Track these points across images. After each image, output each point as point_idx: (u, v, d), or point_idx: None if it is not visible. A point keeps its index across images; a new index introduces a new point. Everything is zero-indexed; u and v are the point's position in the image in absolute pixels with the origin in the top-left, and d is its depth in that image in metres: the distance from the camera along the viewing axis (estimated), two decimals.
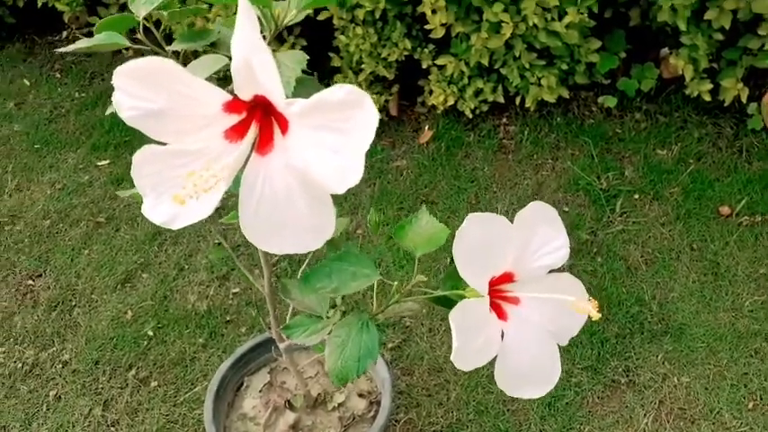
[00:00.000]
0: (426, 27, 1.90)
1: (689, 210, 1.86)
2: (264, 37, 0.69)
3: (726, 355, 1.60)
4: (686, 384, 1.57)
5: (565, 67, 1.98)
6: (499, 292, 0.79)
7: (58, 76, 2.54)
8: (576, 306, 0.69)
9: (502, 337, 0.74)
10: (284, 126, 0.51)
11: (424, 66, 2.04)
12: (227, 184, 0.52)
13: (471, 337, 0.69)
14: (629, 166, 1.98)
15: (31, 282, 1.85)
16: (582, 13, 1.78)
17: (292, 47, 2.19)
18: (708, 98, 1.93)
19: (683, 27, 1.82)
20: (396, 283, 0.83)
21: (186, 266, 1.86)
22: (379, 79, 2.12)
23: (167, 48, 0.78)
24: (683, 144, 2.03)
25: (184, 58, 0.82)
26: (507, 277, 0.78)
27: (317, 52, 2.22)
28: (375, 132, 0.45)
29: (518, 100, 2.07)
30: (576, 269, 1.75)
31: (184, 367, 1.64)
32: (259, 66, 0.48)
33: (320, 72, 2.33)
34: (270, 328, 1.16)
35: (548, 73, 1.97)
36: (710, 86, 1.93)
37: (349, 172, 0.47)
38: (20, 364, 1.65)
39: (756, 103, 1.99)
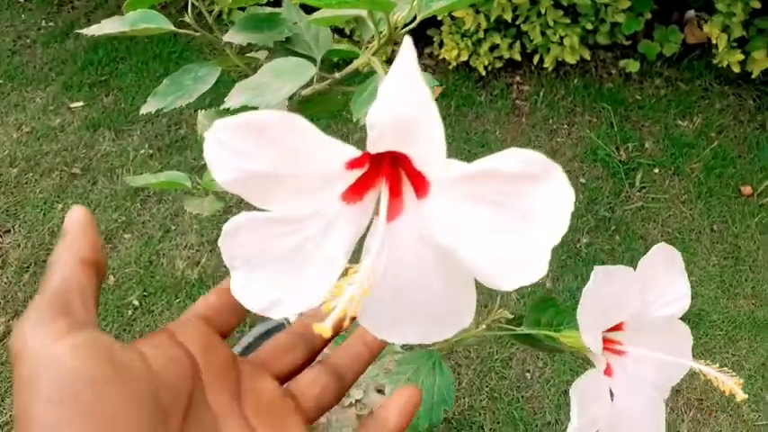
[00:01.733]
0: None
1: (710, 188, 1.78)
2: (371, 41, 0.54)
3: (744, 344, 1.55)
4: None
5: (589, 26, 1.84)
6: (606, 342, 0.68)
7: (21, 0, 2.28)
8: (722, 385, 0.58)
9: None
10: (421, 186, 0.36)
11: (438, 16, 1.87)
12: (346, 255, 0.37)
13: (590, 409, 0.58)
14: (650, 138, 1.88)
15: None
16: None
17: None
18: (737, 69, 1.82)
19: None
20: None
21: (173, 227, 1.70)
22: None
23: (222, 38, 0.62)
24: (705, 115, 1.93)
25: (239, 52, 0.66)
26: (617, 326, 0.67)
27: None
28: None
29: (536, 59, 1.93)
30: (593, 247, 1.66)
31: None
32: (425, 130, 0.33)
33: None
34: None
35: (570, 32, 1.83)
36: (741, 57, 1.81)
37: (526, 267, 0.33)
38: None
39: None
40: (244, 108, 0.64)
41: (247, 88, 0.56)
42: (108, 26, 0.63)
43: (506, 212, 0.32)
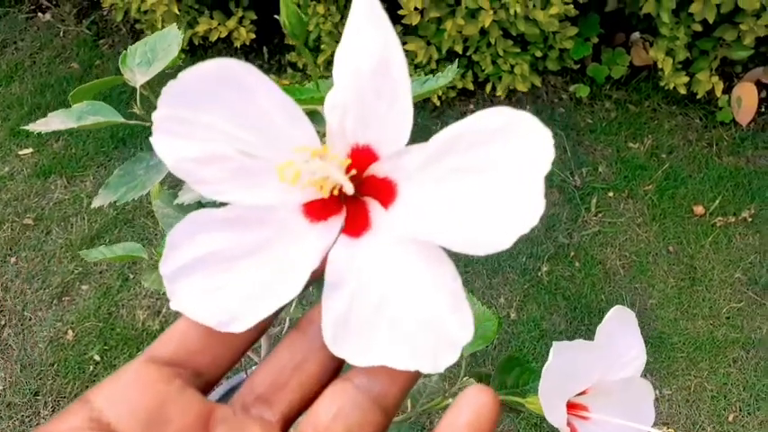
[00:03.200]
0: (399, 12, 1.72)
1: (664, 209, 1.82)
2: None
3: (705, 365, 1.59)
4: (668, 397, 1.55)
5: (538, 53, 1.87)
6: (570, 407, 0.69)
7: None
8: None
9: None
10: (388, 196, 0.34)
11: None
12: (311, 266, 0.34)
13: None
14: (603, 161, 1.91)
15: None
16: (567, 4, 1.65)
17: (240, 21, 1.97)
18: (683, 91, 1.87)
19: (665, 19, 1.73)
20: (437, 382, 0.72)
21: (131, 276, 1.67)
22: None
23: (155, 115, 0.61)
24: (655, 136, 1.97)
25: None
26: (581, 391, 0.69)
27: (269, 26, 2.01)
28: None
29: (488, 87, 1.95)
30: (554, 275, 1.68)
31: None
32: (394, 82, 0.32)
33: (271, 49, 2.12)
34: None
35: (521, 60, 1.85)
36: (687, 79, 1.86)
37: (522, 214, 0.30)
38: None
39: (727, 96, 1.95)
40: (199, 204, 0.63)
41: None
42: (54, 122, 0.61)
43: (487, 173, 0.31)
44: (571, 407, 0.69)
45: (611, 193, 1.85)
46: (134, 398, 0.27)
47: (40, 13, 2.27)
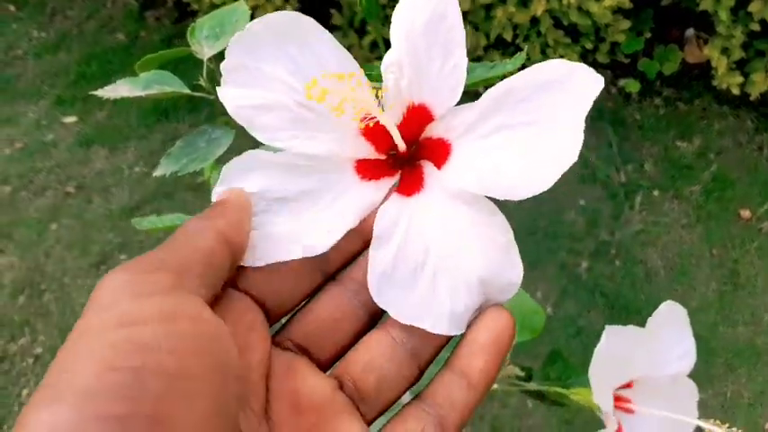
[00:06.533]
0: None
1: (710, 211, 1.78)
2: None
3: (744, 372, 1.55)
4: (703, 401, 1.51)
5: (589, 45, 1.83)
6: (615, 400, 0.68)
7: (12, 8, 2.23)
8: None
9: None
10: (442, 156, 0.34)
11: None
12: (358, 217, 0.34)
13: None
14: (649, 159, 1.87)
15: None
16: None
17: (286, 0, 1.96)
18: (736, 91, 1.82)
19: (723, 17, 1.68)
20: None
21: None
22: (383, 42, 1.92)
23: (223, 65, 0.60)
24: (704, 137, 1.92)
25: None
26: (626, 383, 0.68)
27: (316, 6, 2.00)
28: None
29: None
30: (593, 272, 1.66)
31: None
32: (450, 25, 0.32)
33: None
34: None
35: (570, 51, 1.82)
36: (741, 80, 1.81)
37: (559, 157, 0.29)
38: None
39: None
40: None
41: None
42: (122, 89, 0.61)
43: (537, 124, 0.31)
44: (616, 399, 0.68)
45: (656, 192, 1.81)
46: (236, 319, 0.28)
47: None
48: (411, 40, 0.33)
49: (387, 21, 0.35)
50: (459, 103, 0.33)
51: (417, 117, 0.34)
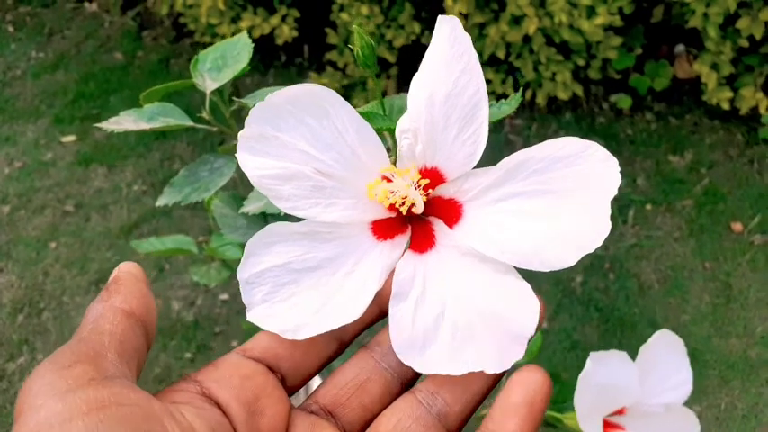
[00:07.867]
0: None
1: (702, 225, 1.80)
2: None
3: (737, 384, 1.57)
4: (698, 413, 1.53)
5: (581, 62, 1.86)
6: (607, 426, 0.69)
7: (10, 29, 2.26)
8: None
9: None
10: (453, 217, 0.35)
11: None
12: (379, 282, 0.35)
13: None
14: (641, 173, 1.90)
15: None
16: (613, 14, 1.64)
17: (283, 19, 1.99)
18: (726, 106, 1.85)
19: (712, 33, 1.71)
20: None
21: (167, 267, 1.69)
22: (378, 61, 1.95)
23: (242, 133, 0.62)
24: (695, 151, 1.95)
25: None
26: (618, 411, 0.68)
27: (312, 25, 2.02)
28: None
29: (528, 94, 1.94)
30: (588, 286, 1.68)
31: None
32: (471, 98, 0.33)
33: (312, 47, 2.14)
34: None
35: (563, 68, 1.84)
36: (730, 95, 1.84)
37: (587, 235, 0.32)
38: None
39: None
40: (263, 214, 0.64)
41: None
42: (126, 122, 0.63)
43: (554, 196, 0.32)
44: (608, 426, 0.69)
45: (648, 206, 1.83)
46: (238, 384, 0.29)
47: (86, 3, 2.31)
48: (430, 110, 0.34)
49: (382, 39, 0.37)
50: None
51: (429, 178, 0.35)
